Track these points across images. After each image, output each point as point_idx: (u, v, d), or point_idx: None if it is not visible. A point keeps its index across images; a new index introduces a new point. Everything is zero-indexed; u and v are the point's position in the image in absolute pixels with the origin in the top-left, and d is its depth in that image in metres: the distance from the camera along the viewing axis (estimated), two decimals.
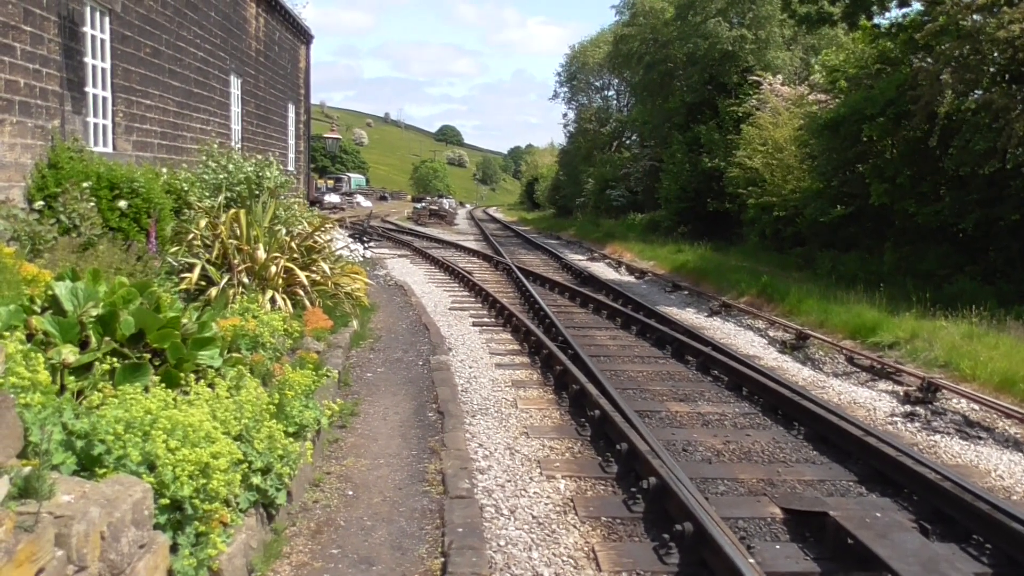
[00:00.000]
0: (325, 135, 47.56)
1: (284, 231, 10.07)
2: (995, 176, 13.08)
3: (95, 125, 11.28)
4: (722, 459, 6.36)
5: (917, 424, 7.64)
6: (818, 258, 17.13)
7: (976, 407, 7.92)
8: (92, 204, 8.78)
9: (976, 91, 14.17)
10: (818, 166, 18.05)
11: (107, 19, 11.37)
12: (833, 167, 17.35)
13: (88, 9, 10.84)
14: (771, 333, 12.13)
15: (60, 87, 9.98)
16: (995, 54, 13.37)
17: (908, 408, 8.07)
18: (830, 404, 7.78)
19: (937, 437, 7.25)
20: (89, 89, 10.95)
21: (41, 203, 8.74)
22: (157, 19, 13.09)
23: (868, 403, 8.36)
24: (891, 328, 10.68)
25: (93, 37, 11.07)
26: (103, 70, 11.39)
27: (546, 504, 5.29)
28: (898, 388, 8.82)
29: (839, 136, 16.60)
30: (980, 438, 7.22)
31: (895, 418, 7.84)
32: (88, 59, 10.90)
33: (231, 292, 8.14)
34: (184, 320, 5.17)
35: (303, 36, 25.53)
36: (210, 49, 15.95)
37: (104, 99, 11.47)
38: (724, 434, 6.98)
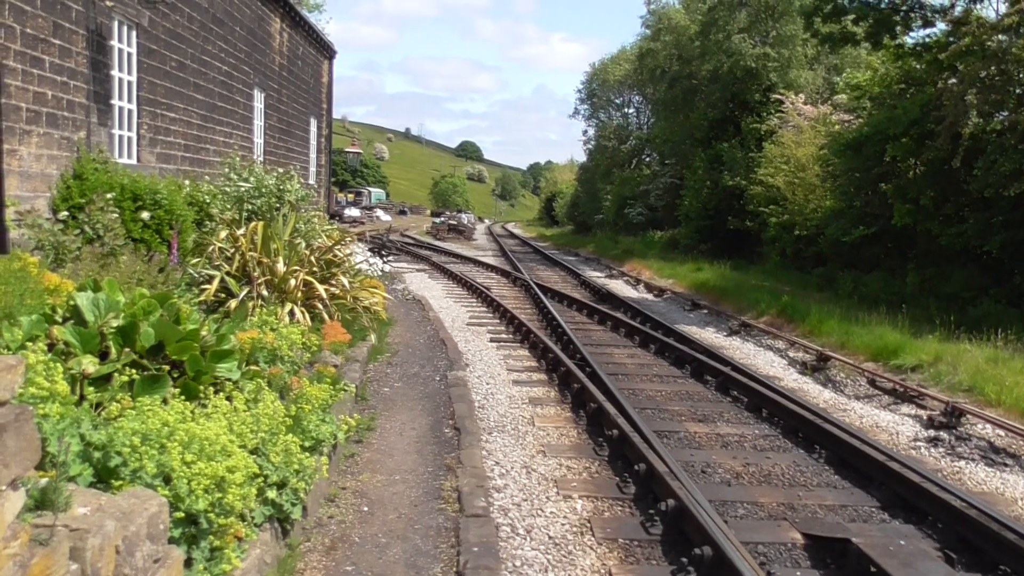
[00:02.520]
0: (346, 149, 47.94)
1: (304, 244, 10.11)
2: (1020, 198, 12.92)
3: (120, 137, 11.42)
4: (741, 482, 6.27)
5: (941, 449, 7.51)
6: (839, 278, 16.98)
7: (1002, 433, 7.76)
8: (115, 215, 8.87)
9: (1001, 112, 14.03)
10: (840, 186, 17.92)
11: (134, 33, 11.53)
12: (855, 187, 17.22)
13: (116, 23, 11.00)
14: (791, 354, 12.01)
15: (87, 99, 10.11)
16: (1020, 75, 13.24)
17: (932, 433, 7.93)
18: (851, 427, 7.66)
19: (962, 463, 7.12)
20: (115, 101, 11.10)
21: (65, 213, 8.84)
22: (183, 33, 13.26)
23: (890, 427, 8.23)
24: (914, 351, 10.53)
25: (120, 51, 11.23)
26: (129, 83, 11.54)
27: (563, 524, 5.23)
28: (921, 412, 8.67)
29: (862, 156, 16.48)
30: (1006, 465, 7.08)
31: (918, 443, 7.71)
32: (115, 72, 11.05)
33: (250, 304, 8.16)
34: (203, 332, 5.18)
35: (326, 51, 25.78)
36: (234, 63, 16.13)
37: (129, 111, 11.62)
38: (744, 456, 6.89)
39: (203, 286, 8.44)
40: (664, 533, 5.09)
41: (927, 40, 15.60)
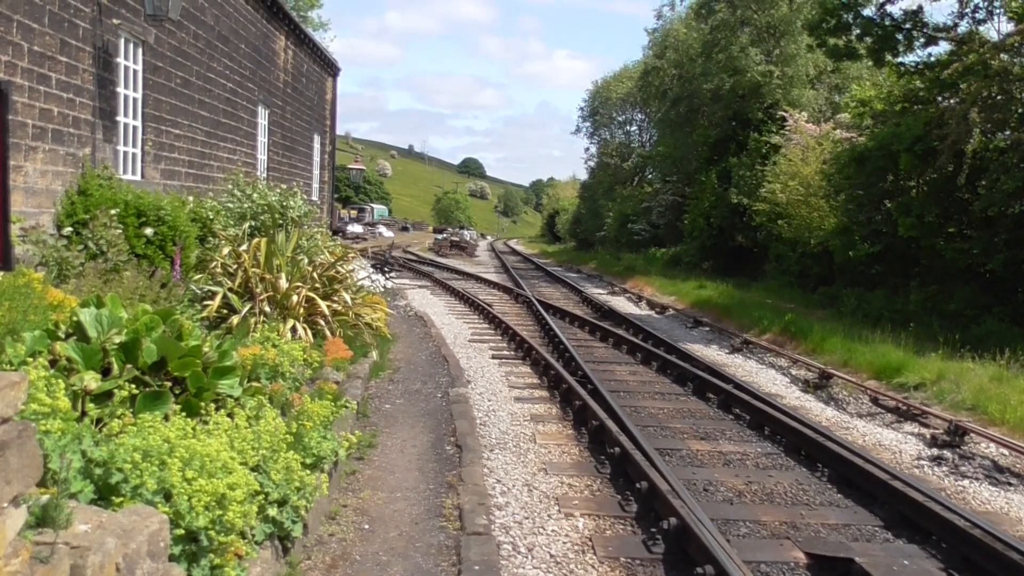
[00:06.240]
0: (349, 166, 48.07)
1: (306, 261, 10.14)
2: (1023, 217, 12.92)
3: (125, 153, 11.47)
4: (744, 500, 6.25)
5: (944, 468, 7.47)
6: (843, 296, 16.96)
7: (1006, 452, 7.72)
8: (119, 231, 8.89)
9: (1004, 131, 14.07)
10: (844, 202, 17.95)
11: (140, 50, 11.62)
12: (857, 203, 17.24)
13: (122, 41, 11.09)
14: (793, 371, 11.98)
15: (92, 116, 10.18)
16: (1022, 95, 13.30)
17: (935, 452, 7.90)
18: (854, 446, 7.63)
19: (965, 482, 7.08)
20: (120, 118, 11.16)
21: (69, 229, 8.87)
22: (189, 51, 13.36)
23: (893, 445, 8.19)
24: (917, 369, 10.50)
25: (126, 68, 11.31)
26: (134, 100, 11.62)
27: (564, 543, 5.21)
28: (924, 431, 8.64)
29: (865, 172, 16.50)
30: (1010, 484, 7.04)
31: (922, 461, 7.67)
32: (120, 89, 11.12)
33: (252, 321, 8.18)
34: (205, 348, 5.19)
35: (330, 68, 25.95)
36: (239, 80, 16.23)
37: (135, 128, 11.69)
38: (746, 474, 6.86)
39: (205, 302, 8.46)
40: (666, 552, 5.07)
41: (929, 59, 15.65)
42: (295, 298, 8.90)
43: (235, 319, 8.14)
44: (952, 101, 14.35)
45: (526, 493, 6.08)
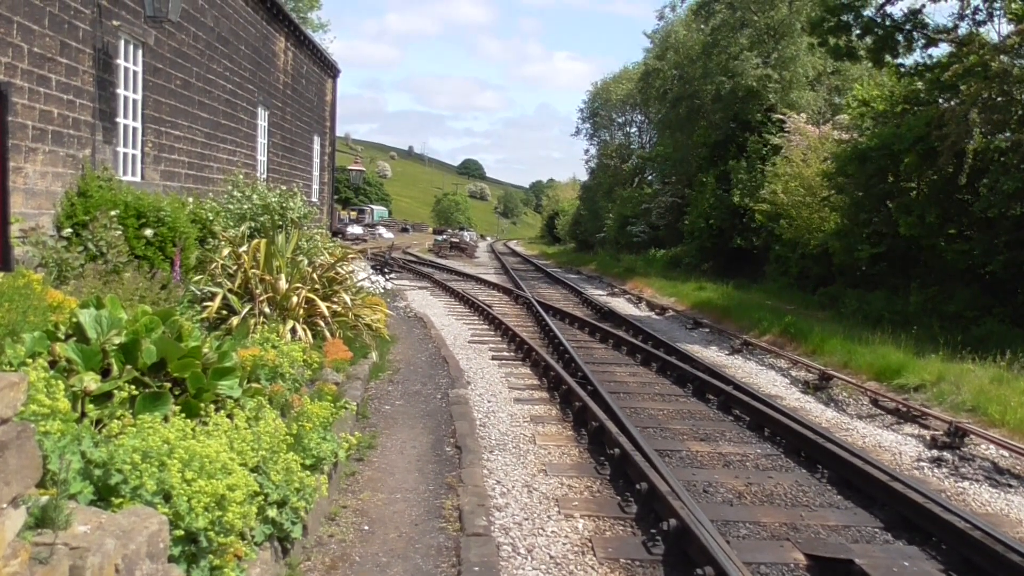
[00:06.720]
0: (349, 167, 48.05)
1: (306, 262, 10.14)
2: (1023, 218, 12.93)
3: (124, 155, 11.47)
4: (744, 501, 6.24)
5: (944, 470, 7.47)
6: (843, 297, 16.96)
7: (1006, 454, 7.72)
8: (119, 232, 8.89)
9: (1004, 132, 14.08)
10: (844, 202, 17.95)
11: (140, 52, 11.62)
12: (858, 204, 17.25)
13: (122, 42, 11.08)
14: (793, 373, 11.98)
15: (92, 117, 10.18)
16: (1023, 96, 13.31)
17: (935, 453, 7.90)
18: (854, 447, 7.63)
19: (965, 484, 7.08)
20: (120, 120, 11.16)
21: (69, 231, 8.86)
22: (189, 52, 13.36)
23: (893, 447, 8.19)
24: (917, 370, 10.50)
25: (126, 69, 11.31)
26: (134, 101, 11.61)
27: (564, 544, 5.20)
28: (924, 432, 8.64)
29: (866, 171, 16.50)
30: (1011, 486, 7.04)
31: (921, 463, 7.67)
32: (120, 90, 11.12)
33: (252, 322, 8.17)
34: (205, 349, 5.18)
35: (330, 70, 25.95)
36: (239, 82, 16.23)
37: (134, 129, 11.68)
38: (746, 475, 6.86)
39: (205, 303, 8.45)
40: (666, 553, 5.06)
41: (930, 60, 15.65)
42: (295, 299, 8.89)
43: (235, 320, 8.13)
44: (952, 102, 14.36)
45: (526, 494, 6.08)
